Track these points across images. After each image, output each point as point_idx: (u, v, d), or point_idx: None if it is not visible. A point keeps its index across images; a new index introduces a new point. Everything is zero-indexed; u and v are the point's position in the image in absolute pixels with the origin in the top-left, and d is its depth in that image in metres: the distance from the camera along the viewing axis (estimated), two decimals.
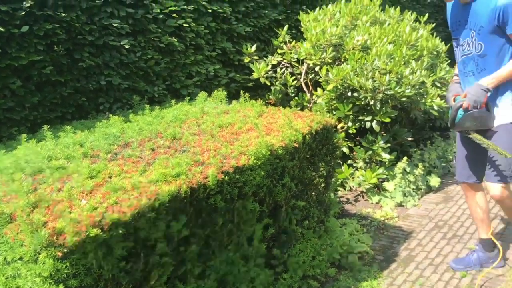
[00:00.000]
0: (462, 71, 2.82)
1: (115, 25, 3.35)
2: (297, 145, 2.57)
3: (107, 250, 1.72)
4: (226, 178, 2.12)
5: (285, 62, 4.65)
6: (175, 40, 3.76)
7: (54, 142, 2.44)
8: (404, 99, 4.08)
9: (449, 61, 5.24)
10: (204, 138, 2.51)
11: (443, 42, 5.12)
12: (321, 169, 2.97)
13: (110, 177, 2.03)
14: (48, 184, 1.95)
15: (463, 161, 2.98)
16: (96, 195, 1.84)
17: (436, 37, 4.96)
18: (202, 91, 3.53)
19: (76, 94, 3.29)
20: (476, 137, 2.71)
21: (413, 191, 4.21)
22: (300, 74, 4.66)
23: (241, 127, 2.69)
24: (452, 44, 2.90)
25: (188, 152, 2.31)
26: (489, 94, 2.61)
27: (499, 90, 2.66)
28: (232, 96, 4.24)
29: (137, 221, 1.80)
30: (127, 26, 3.43)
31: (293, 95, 4.72)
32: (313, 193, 2.92)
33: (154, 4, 3.60)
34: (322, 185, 3.02)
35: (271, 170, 2.41)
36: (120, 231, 1.73)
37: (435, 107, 4.29)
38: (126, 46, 3.43)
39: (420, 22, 5.26)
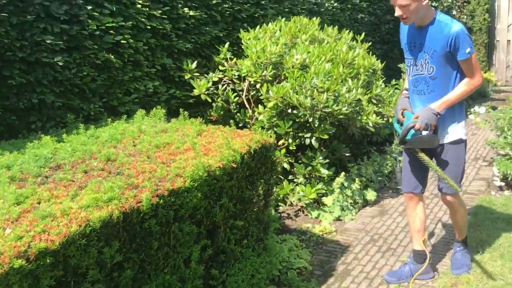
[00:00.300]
0: (413, 89, 3.04)
1: (48, 41, 3.25)
2: (235, 166, 2.58)
3: (33, 281, 1.65)
4: (161, 201, 2.10)
5: (227, 79, 4.68)
6: (113, 56, 3.69)
7: None
8: (341, 116, 4.20)
9: (384, 78, 5.47)
10: (140, 159, 2.47)
11: (379, 60, 5.34)
12: (260, 187, 3.00)
13: (39, 203, 1.95)
14: None
15: (409, 172, 3.18)
16: (23, 222, 1.76)
17: (372, 55, 5.16)
18: (140, 109, 3.49)
19: (6, 113, 3.15)
20: (424, 159, 2.91)
21: (351, 205, 4.33)
22: (242, 90, 4.70)
23: (179, 147, 2.67)
24: (405, 63, 3.11)
25: (122, 174, 2.27)
26: (438, 117, 2.84)
27: (447, 110, 2.88)
28: (173, 112, 4.20)
29: (66, 249, 1.74)
30: (61, 42, 3.34)
31: (235, 111, 4.74)
32: (252, 212, 2.94)
33: (90, 20, 3.53)
34: (261, 203, 3.05)
35: (208, 191, 2.41)
36: (48, 260, 1.67)
37: (371, 124, 4.44)
38: (60, 63, 3.33)
39: (357, 41, 5.46)
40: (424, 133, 2.85)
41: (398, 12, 2.79)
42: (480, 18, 10.69)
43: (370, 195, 4.54)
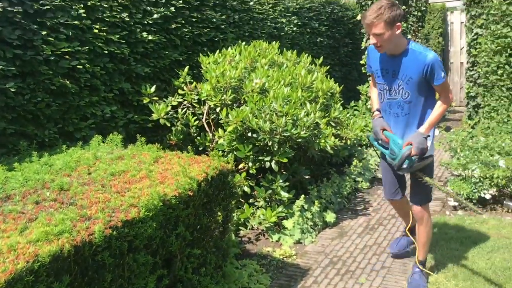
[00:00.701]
0: (387, 111, 3.24)
1: (0, 67, 3.18)
2: (191, 194, 2.57)
3: None
4: (115, 233, 2.06)
5: (187, 103, 4.68)
6: (68, 82, 3.64)
7: None
8: (300, 140, 4.26)
9: (342, 101, 5.59)
10: (94, 188, 2.43)
11: (338, 82, 5.47)
12: (218, 214, 2.99)
13: None
14: None
15: (389, 182, 3.51)
16: None
17: (331, 77, 5.29)
18: (97, 134, 3.43)
19: None
20: (427, 180, 3.07)
21: (311, 228, 4.37)
22: (202, 114, 4.71)
23: (135, 175, 2.64)
24: (377, 86, 3.26)
25: (75, 205, 2.22)
26: (429, 139, 3.03)
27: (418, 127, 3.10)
28: (131, 137, 4.16)
29: (12, 286, 1.68)
30: (13, 68, 3.27)
31: (195, 135, 4.74)
32: (210, 239, 2.92)
33: (45, 46, 3.47)
34: (220, 230, 3.04)
35: (164, 220, 2.39)
36: None
37: (329, 147, 4.51)
38: (12, 89, 3.25)
39: (316, 64, 5.58)
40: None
41: (373, 40, 2.95)
42: (435, 41, 11.13)
43: (330, 217, 4.59)
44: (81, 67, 3.73)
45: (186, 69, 4.74)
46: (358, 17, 8.14)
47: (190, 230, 2.65)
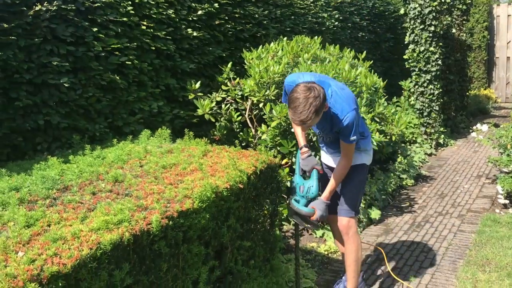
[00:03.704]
0: (320, 143, 3.32)
1: (54, 63, 3.28)
2: (242, 186, 2.58)
3: None
4: (171, 223, 2.09)
5: (230, 99, 4.71)
6: (117, 77, 3.72)
7: None
8: None
9: (386, 96, 5.50)
10: (147, 180, 2.48)
11: (380, 78, 5.38)
12: (266, 207, 2.99)
13: (49, 225, 1.95)
14: None
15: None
16: (34, 245, 1.75)
17: (374, 73, 5.20)
18: (145, 129, 3.50)
19: (12, 134, 3.16)
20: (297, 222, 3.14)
21: None
22: (245, 109, 4.72)
23: (186, 168, 2.68)
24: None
25: (130, 196, 2.27)
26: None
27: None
28: (177, 132, 4.22)
29: (77, 272, 1.73)
30: (67, 64, 3.37)
31: (238, 130, 4.76)
32: (259, 232, 2.93)
33: (95, 42, 3.56)
34: (267, 223, 3.04)
35: (216, 212, 2.41)
36: (60, 284, 1.66)
37: (374, 143, 4.44)
38: (66, 84, 3.35)
39: (358, 59, 5.51)
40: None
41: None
42: (479, 35, 10.81)
43: (375, 214, 4.53)
44: (129, 63, 3.81)
45: (229, 64, 4.77)
46: (402, 11, 7.98)
47: (240, 223, 2.66)
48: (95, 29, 3.57)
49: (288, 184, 4.43)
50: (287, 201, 3.07)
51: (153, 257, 2.07)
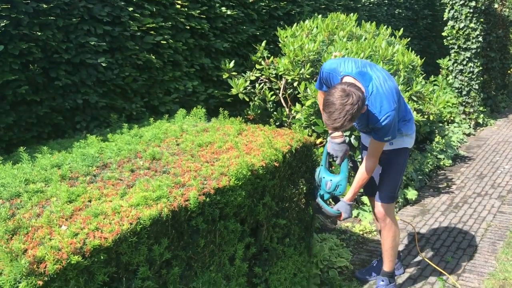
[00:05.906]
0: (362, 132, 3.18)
1: (92, 43, 3.33)
2: (277, 165, 2.58)
3: (88, 276, 1.69)
4: (207, 199, 2.11)
5: (264, 78, 4.68)
6: (153, 57, 3.75)
7: (30, 164, 2.39)
8: None
9: (424, 74, 5.36)
10: (184, 158, 2.50)
11: (418, 56, 5.24)
12: (301, 186, 2.99)
13: (90, 201, 2.00)
14: (26, 209, 1.91)
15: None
16: (77, 220, 1.81)
17: (411, 51, 5.07)
18: (180, 108, 3.52)
19: (52, 113, 3.24)
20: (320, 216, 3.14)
21: None
22: (279, 89, 4.69)
23: (221, 146, 2.69)
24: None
25: (168, 173, 2.30)
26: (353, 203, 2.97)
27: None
28: (211, 111, 4.24)
29: (118, 246, 1.77)
30: (104, 43, 3.41)
31: (272, 110, 4.75)
32: (294, 210, 2.93)
33: (131, 22, 3.59)
34: (302, 202, 3.04)
35: (252, 190, 2.42)
36: (102, 257, 1.71)
37: None
38: (103, 64, 3.40)
39: (395, 37, 5.37)
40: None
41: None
42: None
43: (411, 194, 4.46)
44: (164, 42, 3.83)
45: (263, 43, 4.73)
46: None
47: (275, 201, 2.66)
48: (130, 9, 3.59)
49: None
50: (315, 195, 3.00)
51: (190, 232, 2.10)
